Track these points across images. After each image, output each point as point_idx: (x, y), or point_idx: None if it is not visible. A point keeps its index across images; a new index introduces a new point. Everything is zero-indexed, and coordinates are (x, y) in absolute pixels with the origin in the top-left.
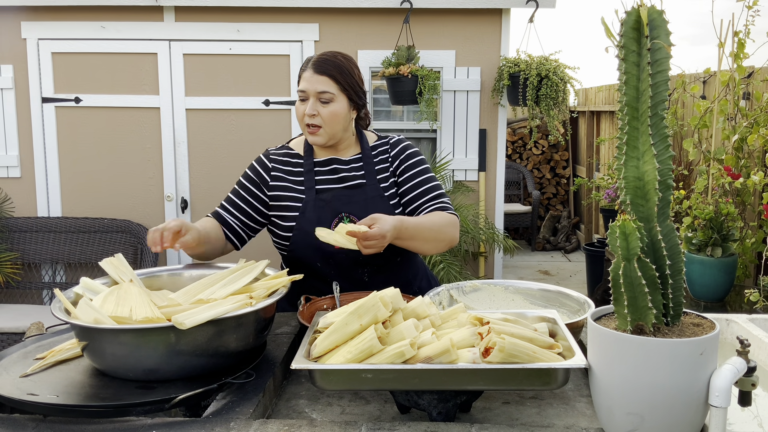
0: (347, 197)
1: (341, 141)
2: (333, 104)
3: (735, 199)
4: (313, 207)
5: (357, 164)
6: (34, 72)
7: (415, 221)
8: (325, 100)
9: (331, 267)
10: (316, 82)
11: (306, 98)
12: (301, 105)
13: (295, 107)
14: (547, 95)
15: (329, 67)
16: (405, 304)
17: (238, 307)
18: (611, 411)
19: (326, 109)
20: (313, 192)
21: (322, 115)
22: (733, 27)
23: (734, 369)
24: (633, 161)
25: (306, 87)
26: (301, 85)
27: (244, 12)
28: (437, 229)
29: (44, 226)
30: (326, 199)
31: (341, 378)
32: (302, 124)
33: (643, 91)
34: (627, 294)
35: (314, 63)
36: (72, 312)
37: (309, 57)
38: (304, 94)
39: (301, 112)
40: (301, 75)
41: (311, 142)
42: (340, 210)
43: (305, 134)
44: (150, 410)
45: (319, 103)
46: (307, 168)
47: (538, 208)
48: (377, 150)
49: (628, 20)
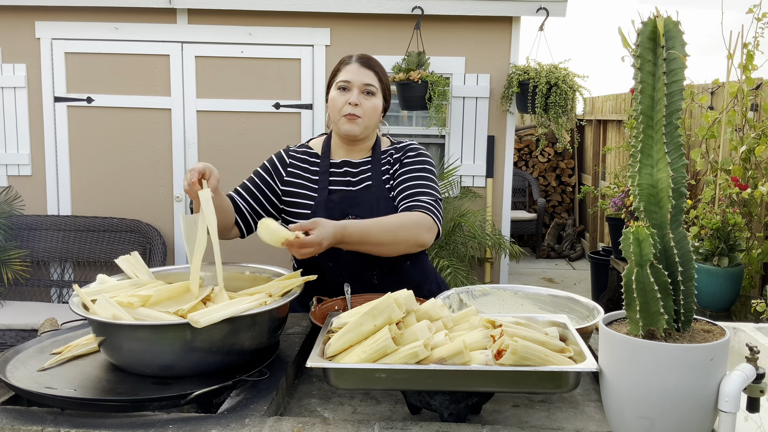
0: (354, 199)
1: (366, 138)
2: (374, 98)
3: (742, 209)
4: (324, 207)
5: (366, 167)
6: (47, 71)
7: (363, 225)
8: (368, 92)
9: (341, 268)
10: (362, 74)
11: (347, 88)
12: (341, 95)
13: (332, 98)
14: (556, 103)
15: (374, 63)
16: (418, 306)
17: (253, 306)
18: (622, 414)
19: (368, 101)
20: (325, 192)
21: (364, 107)
22: (742, 38)
23: (744, 375)
24: (647, 169)
25: (351, 78)
26: (344, 76)
27: (256, 16)
28: (393, 231)
29: (54, 224)
30: (335, 200)
31: (355, 377)
32: (338, 114)
33: (658, 100)
34: (639, 299)
35: (359, 58)
36: (90, 307)
37: (347, 55)
38: (347, 84)
39: (342, 101)
40: (342, 68)
41: (346, 131)
42: (348, 212)
43: (340, 124)
44: (166, 405)
45: (362, 95)
46: (322, 168)
47: (543, 215)
48: (386, 154)
49: (644, 31)
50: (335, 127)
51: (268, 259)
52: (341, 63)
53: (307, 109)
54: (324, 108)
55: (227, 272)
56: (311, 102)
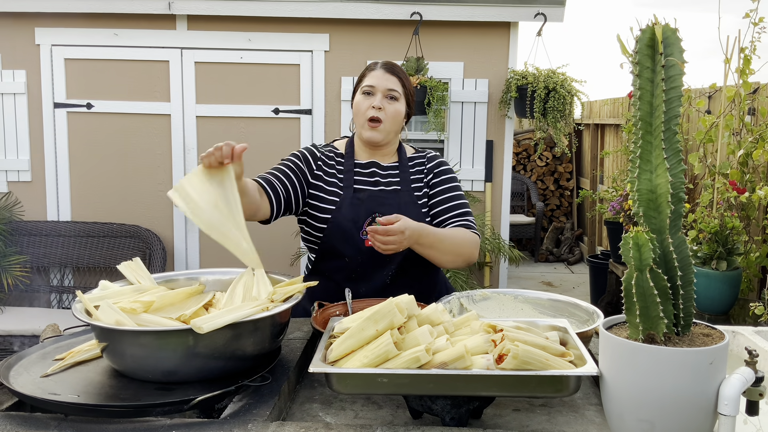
0: (382, 198)
1: (388, 144)
2: (397, 103)
3: (740, 213)
4: (350, 204)
5: (394, 171)
6: (47, 77)
7: (437, 231)
8: (391, 97)
9: (358, 264)
10: (386, 80)
11: (371, 93)
12: (365, 99)
13: (356, 102)
14: (555, 108)
15: (398, 70)
16: (419, 311)
17: (255, 311)
18: (622, 418)
19: (392, 106)
20: (350, 190)
21: (387, 111)
22: (739, 43)
23: (743, 378)
24: (646, 174)
25: (376, 83)
26: (369, 81)
27: (255, 22)
28: (458, 244)
29: (53, 230)
30: (362, 198)
31: (357, 382)
32: (362, 118)
33: (657, 106)
34: (639, 304)
35: (384, 64)
36: (93, 313)
37: (373, 62)
38: (372, 89)
39: (366, 105)
40: (367, 74)
41: (368, 137)
42: (374, 209)
43: (363, 130)
44: (169, 411)
45: (385, 100)
46: (347, 167)
47: (541, 219)
48: (414, 161)
49: (642, 38)
50: (358, 131)
51: (270, 263)
52: (367, 69)
53: (306, 114)
54: (323, 113)
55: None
56: (310, 107)
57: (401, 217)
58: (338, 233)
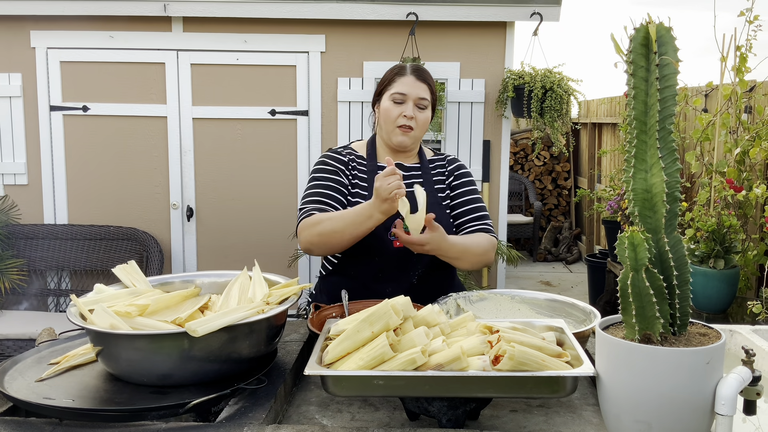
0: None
1: (414, 147)
2: (426, 111)
3: (737, 211)
4: None
5: (416, 172)
6: (43, 80)
7: (462, 242)
8: (422, 106)
9: (386, 265)
10: (419, 88)
11: (403, 101)
12: (395, 107)
13: (385, 109)
14: (552, 107)
15: (427, 76)
16: (415, 312)
17: (250, 314)
18: (619, 418)
19: (422, 114)
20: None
21: (418, 120)
22: (735, 41)
23: (740, 378)
24: (641, 174)
25: (408, 91)
26: (399, 88)
27: (251, 23)
28: (480, 253)
29: (50, 233)
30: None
31: (353, 384)
32: (392, 125)
33: (651, 105)
34: (635, 303)
35: (415, 70)
36: (88, 317)
37: (400, 64)
38: (403, 97)
39: (396, 113)
40: (396, 79)
41: (399, 141)
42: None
43: (393, 135)
44: (164, 415)
45: (416, 108)
46: (370, 168)
47: (539, 219)
48: (434, 163)
49: (636, 37)
50: (386, 136)
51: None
52: (396, 74)
53: (303, 115)
54: (320, 114)
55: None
56: (307, 108)
57: (431, 222)
58: (369, 234)
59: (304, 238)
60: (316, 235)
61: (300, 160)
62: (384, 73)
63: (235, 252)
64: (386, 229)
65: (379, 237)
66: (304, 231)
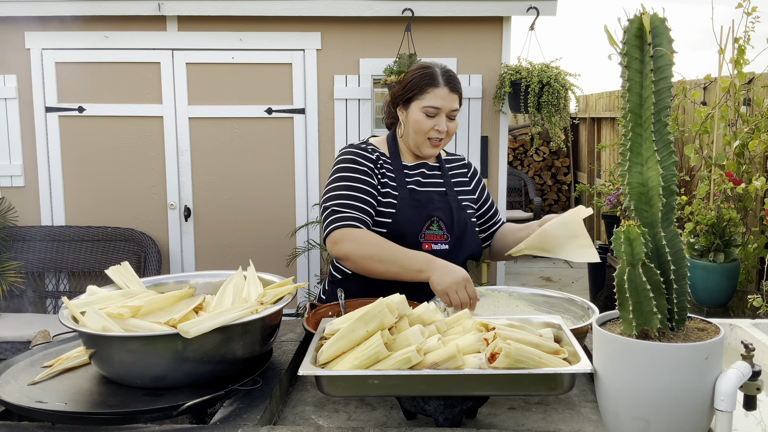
0: (437, 201)
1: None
2: (456, 120)
3: (737, 204)
4: (408, 205)
5: (437, 172)
6: (38, 82)
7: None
8: (452, 117)
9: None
10: (452, 100)
11: (435, 114)
12: (428, 120)
13: (417, 120)
14: (549, 102)
15: (458, 85)
16: (411, 311)
17: (244, 314)
18: (617, 415)
19: (452, 125)
20: (405, 190)
21: (449, 130)
22: (733, 33)
23: (739, 373)
24: (637, 167)
25: (443, 105)
26: (433, 101)
27: (246, 21)
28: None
29: (48, 234)
30: (421, 200)
31: (348, 384)
32: (423, 137)
33: (646, 97)
34: (632, 299)
35: (449, 80)
36: (80, 320)
37: (432, 70)
38: (436, 111)
39: (428, 126)
40: (429, 90)
41: (429, 154)
42: (432, 213)
43: (423, 147)
44: (158, 417)
45: (447, 120)
46: (395, 167)
47: (539, 214)
48: (451, 164)
49: (630, 28)
50: (413, 145)
51: (266, 264)
52: (428, 84)
53: (299, 113)
54: (316, 112)
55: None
56: (303, 106)
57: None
58: (399, 236)
59: (343, 249)
60: (359, 257)
61: (297, 158)
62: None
63: (233, 251)
64: (416, 232)
65: (410, 239)
66: (346, 243)
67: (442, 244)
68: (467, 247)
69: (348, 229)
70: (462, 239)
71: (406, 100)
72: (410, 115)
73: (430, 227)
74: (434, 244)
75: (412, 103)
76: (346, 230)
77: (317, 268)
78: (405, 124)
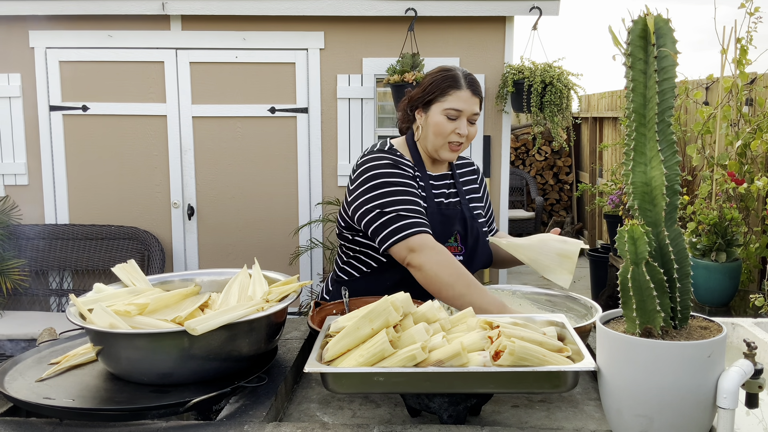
0: (457, 214)
1: None
2: (475, 126)
3: (739, 204)
4: (438, 220)
5: (450, 180)
6: (42, 80)
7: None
8: (473, 122)
9: None
10: (474, 104)
11: (456, 117)
12: (449, 123)
13: (438, 123)
14: (552, 102)
15: (479, 89)
16: (415, 309)
17: (250, 312)
18: (620, 413)
19: (472, 128)
20: (433, 203)
21: (469, 135)
22: (735, 33)
23: (741, 371)
24: (641, 167)
25: (464, 108)
26: (456, 104)
27: (250, 21)
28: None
29: (52, 233)
30: (449, 216)
31: (353, 381)
32: (443, 140)
33: (650, 98)
34: (635, 297)
35: (471, 83)
36: (87, 317)
37: (454, 72)
38: (458, 114)
39: (449, 129)
40: (452, 93)
41: (447, 158)
42: (455, 227)
43: (442, 151)
44: (164, 414)
45: (468, 124)
46: (423, 176)
47: (541, 214)
48: (462, 169)
49: (634, 29)
50: (432, 148)
51: (269, 262)
52: (450, 86)
53: (302, 113)
54: (319, 111)
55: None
56: (306, 106)
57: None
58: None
59: (420, 260)
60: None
61: (300, 157)
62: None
63: (237, 250)
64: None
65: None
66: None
67: (457, 256)
68: (480, 256)
69: (428, 237)
70: (475, 250)
71: (426, 103)
72: (430, 118)
73: (449, 240)
74: None
75: (432, 105)
76: (426, 237)
77: (320, 266)
78: (424, 127)
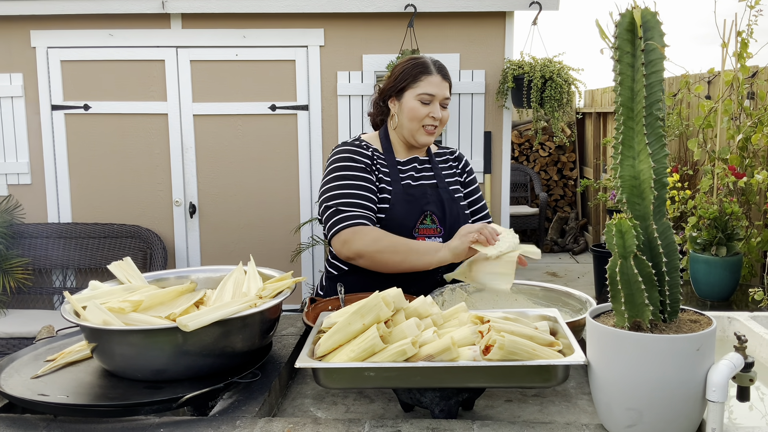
0: (430, 195)
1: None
2: (447, 110)
3: (740, 198)
4: (402, 200)
5: (428, 165)
6: (44, 80)
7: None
8: (444, 105)
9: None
10: (444, 88)
11: (430, 102)
12: (423, 107)
13: (412, 108)
14: (552, 97)
15: (448, 74)
16: (407, 304)
17: (243, 308)
18: (610, 407)
19: (445, 113)
20: (399, 185)
21: (442, 119)
22: (736, 27)
23: (731, 364)
24: (629, 160)
25: (436, 92)
26: (427, 88)
27: (249, 18)
28: None
29: (54, 232)
30: (415, 195)
31: (344, 376)
32: (418, 125)
33: (638, 91)
34: (624, 291)
35: (440, 69)
36: (81, 314)
37: (423, 60)
38: (430, 98)
39: (423, 113)
40: (423, 78)
41: (424, 142)
42: (425, 208)
43: (418, 135)
44: (158, 409)
45: (440, 107)
46: (389, 162)
47: (545, 209)
48: (442, 157)
49: (622, 22)
50: (408, 134)
51: (270, 260)
52: (421, 72)
53: (303, 110)
54: (320, 108)
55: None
56: (307, 103)
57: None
58: (393, 230)
59: (355, 247)
60: (374, 252)
61: (301, 155)
62: (400, 66)
63: (239, 247)
64: (410, 227)
65: (404, 233)
66: (357, 241)
67: (436, 238)
68: None
69: (357, 227)
70: (454, 231)
71: (399, 90)
72: (404, 105)
73: (424, 221)
74: (428, 237)
75: (405, 92)
76: (355, 228)
77: (321, 263)
78: (398, 114)
